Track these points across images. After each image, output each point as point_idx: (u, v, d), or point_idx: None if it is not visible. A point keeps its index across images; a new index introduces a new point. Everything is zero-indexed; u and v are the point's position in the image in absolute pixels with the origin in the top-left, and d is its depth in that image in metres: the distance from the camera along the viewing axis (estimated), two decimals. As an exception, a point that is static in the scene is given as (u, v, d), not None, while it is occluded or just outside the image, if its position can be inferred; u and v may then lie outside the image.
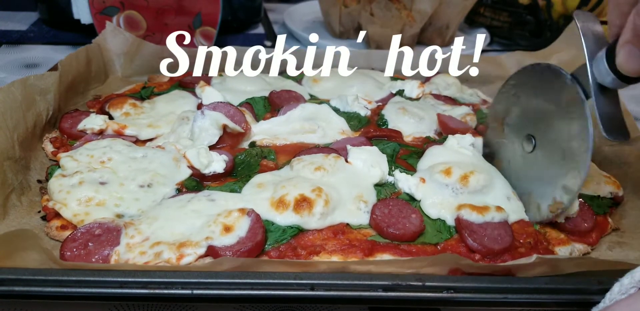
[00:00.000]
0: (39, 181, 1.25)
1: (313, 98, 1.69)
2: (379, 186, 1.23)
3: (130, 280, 0.83)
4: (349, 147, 1.31)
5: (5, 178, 1.14)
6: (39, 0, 2.28)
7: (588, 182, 1.31)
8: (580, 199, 1.23)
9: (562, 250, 1.15)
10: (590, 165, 1.41)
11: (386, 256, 1.05)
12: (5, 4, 2.54)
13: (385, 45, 2.22)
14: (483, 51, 2.47)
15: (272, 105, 1.57)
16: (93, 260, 0.98)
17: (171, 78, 1.77)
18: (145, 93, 1.63)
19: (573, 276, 0.95)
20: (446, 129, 1.48)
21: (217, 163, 1.23)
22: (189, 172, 1.23)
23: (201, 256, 1.00)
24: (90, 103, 1.59)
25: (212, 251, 0.99)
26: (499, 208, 1.15)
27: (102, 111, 1.50)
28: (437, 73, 1.89)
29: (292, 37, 2.50)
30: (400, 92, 1.72)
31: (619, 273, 0.84)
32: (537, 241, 1.13)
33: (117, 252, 1.00)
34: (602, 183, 1.32)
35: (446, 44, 2.42)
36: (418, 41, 2.37)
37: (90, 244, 1.00)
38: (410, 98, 1.69)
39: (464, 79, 1.89)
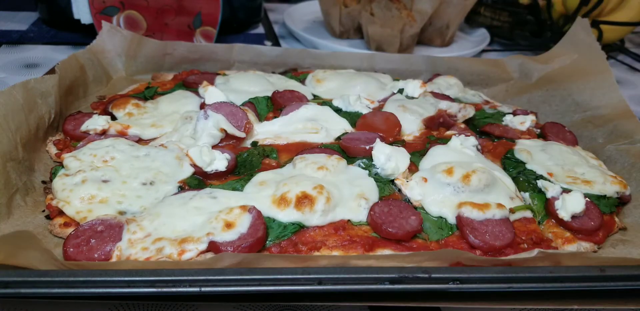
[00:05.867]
0: (44, 182, 1.25)
1: (316, 99, 1.69)
2: (381, 183, 1.23)
3: (137, 279, 0.83)
4: (377, 140, 1.33)
5: (8, 178, 1.15)
6: (39, 0, 2.28)
7: (594, 183, 1.32)
8: (587, 198, 1.24)
9: (568, 248, 1.16)
10: (598, 164, 1.44)
11: (387, 252, 1.05)
12: (5, 4, 2.55)
13: (385, 45, 2.23)
14: (483, 51, 2.48)
15: (275, 104, 1.58)
16: (95, 255, 0.99)
17: (175, 77, 1.78)
18: (148, 93, 1.63)
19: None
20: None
21: (219, 161, 1.24)
22: (191, 170, 1.24)
23: (202, 252, 1.00)
24: (94, 104, 1.60)
25: (213, 246, 1.00)
26: (499, 205, 1.15)
27: (105, 112, 1.51)
28: (439, 74, 1.90)
29: (292, 37, 2.51)
30: (400, 91, 1.73)
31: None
32: (539, 238, 1.14)
33: (119, 248, 1.01)
34: (608, 184, 1.32)
35: (446, 43, 2.42)
36: (418, 41, 2.38)
37: (92, 240, 1.01)
38: (412, 97, 1.70)
39: (465, 82, 1.91)
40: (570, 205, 1.19)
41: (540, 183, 1.30)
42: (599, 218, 1.21)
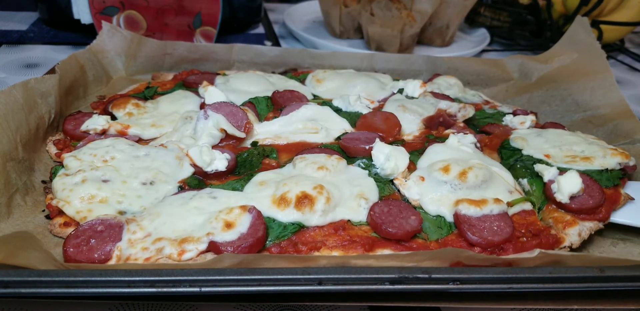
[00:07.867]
0: (44, 181, 1.26)
1: (316, 98, 1.69)
2: (381, 183, 1.23)
3: (137, 279, 0.83)
4: (377, 140, 1.33)
5: (8, 178, 1.15)
6: (39, 0, 2.28)
7: (594, 158, 1.30)
8: (586, 175, 1.22)
9: (569, 232, 1.14)
10: (598, 141, 1.40)
11: (387, 252, 1.05)
12: (5, 4, 2.55)
13: (385, 45, 2.23)
14: (483, 51, 2.48)
15: (275, 104, 1.58)
16: (95, 255, 0.99)
17: (175, 77, 1.78)
18: (148, 93, 1.64)
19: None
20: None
21: (219, 161, 1.24)
22: (191, 170, 1.24)
23: (202, 252, 1.01)
24: (94, 104, 1.60)
25: (213, 246, 1.00)
26: (497, 200, 1.15)
27: (105, 112, 1.51)
28: (439, 74, 1.90)
29: (292, 37, 2.51)
30: (400, 91, 1.73)
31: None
32: (538, 229, 1.13)
33: (119, 248, 1.00)
34: (609, 156, 1.31)
35: (446, 43, 2.42)
36: (418, 41, 2.38)
37: (92, 240, 1.01)
38: (412, 97, 1.70)
39: (465, 82, 1.91)
40: (566, 186, 1.17)
41: (537, 167, 1.29)
42: (600, 194, 1.19)
